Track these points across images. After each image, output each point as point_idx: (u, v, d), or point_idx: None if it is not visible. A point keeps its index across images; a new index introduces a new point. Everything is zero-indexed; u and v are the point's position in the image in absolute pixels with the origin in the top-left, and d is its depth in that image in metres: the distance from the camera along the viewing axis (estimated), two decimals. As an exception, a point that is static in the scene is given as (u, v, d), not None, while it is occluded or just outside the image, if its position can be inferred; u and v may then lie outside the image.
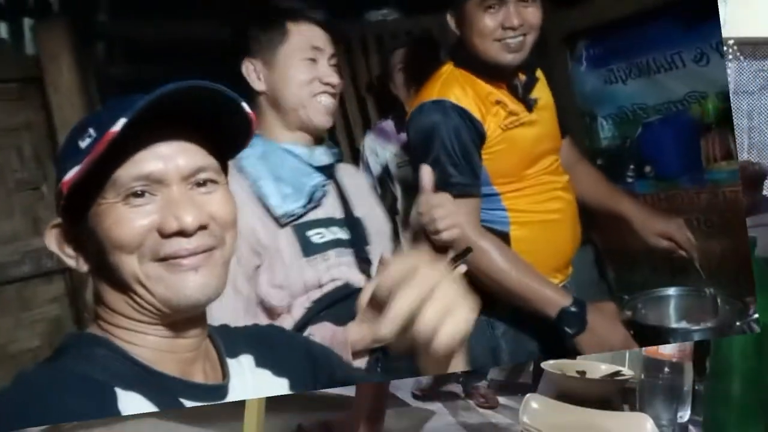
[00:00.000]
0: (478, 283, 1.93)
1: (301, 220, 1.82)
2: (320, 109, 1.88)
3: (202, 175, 1.11)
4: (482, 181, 2.02)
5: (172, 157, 1.08)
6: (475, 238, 1.93)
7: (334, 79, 1.90)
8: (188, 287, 1.09)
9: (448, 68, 2.07)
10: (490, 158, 2.02)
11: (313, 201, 1.84)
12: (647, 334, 1.95)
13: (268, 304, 1.76)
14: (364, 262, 1.89)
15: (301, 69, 1.87)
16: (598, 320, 1.92)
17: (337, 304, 1.79)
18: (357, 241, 1.90)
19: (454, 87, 2.00)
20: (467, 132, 1.97)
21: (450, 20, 2.05)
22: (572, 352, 1.96)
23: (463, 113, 1.97)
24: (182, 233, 1.07)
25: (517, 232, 2.05)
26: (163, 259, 1.08)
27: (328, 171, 1.90)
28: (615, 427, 1.76)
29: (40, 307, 2.46)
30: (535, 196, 2.07)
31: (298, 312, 1.77)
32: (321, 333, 1.69)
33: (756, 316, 1.73)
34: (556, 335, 1.94)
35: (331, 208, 1.89)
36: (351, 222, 1.91)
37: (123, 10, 2.48)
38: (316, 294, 1.80)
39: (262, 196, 1.78)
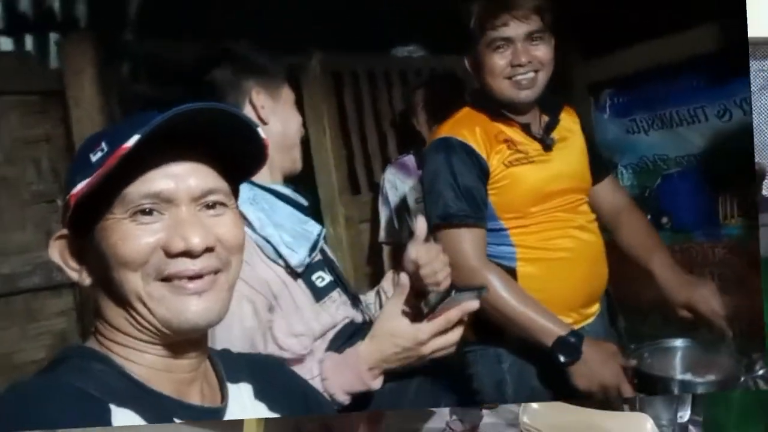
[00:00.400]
0: (482, 313, 1.94)
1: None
2: (300, 154, 1.93)
3: (212, 198, 1.11)
4: (489, 215, 2.04)
5: (183, 178, 1.08)
6: (479, 267, 1.96)
7: None
8: (190, 311, 1.08)
9: (464, 110, 2.12)
10: (495, 193, 2.05)
11: (317, 248, 1.83)
12: (651, 383, 1.94)
13: (289, 354, 1.71)
14: (355, 299, 1.89)
15: (296, 112, 1.93)
16: (594, 354, 1.92)
17: (350, 340, 1.76)
18: (341, 281, 1.90)
19: (463, 126, 2.06)
20: (470, 166, 2.01)
21: (467, 64, 2.11)
22: (572, 393, 1.95)
23: (467, 149, 2.02)
24: (188, 254, 1.07)
25: (525, 268, 2.06)
26: (167, 279, 1.08)
27: (308, 212, 1.91)
28: (615, 427, 1.76)
29: (47, 319, 2.45)
30: (544, 233, 2.07)
31: (320, 354, 1.75)
32: (333, 358, 1.68)
33: (762, 372, 1.72)
34: (559, 373, 1.94)
35: (318, 251, 1.88)
36: (330, 263, 1.91)
37: (150, 30, 2.49)
38: (332, 334, 1.79)
39: (273, 246, 1.74)
